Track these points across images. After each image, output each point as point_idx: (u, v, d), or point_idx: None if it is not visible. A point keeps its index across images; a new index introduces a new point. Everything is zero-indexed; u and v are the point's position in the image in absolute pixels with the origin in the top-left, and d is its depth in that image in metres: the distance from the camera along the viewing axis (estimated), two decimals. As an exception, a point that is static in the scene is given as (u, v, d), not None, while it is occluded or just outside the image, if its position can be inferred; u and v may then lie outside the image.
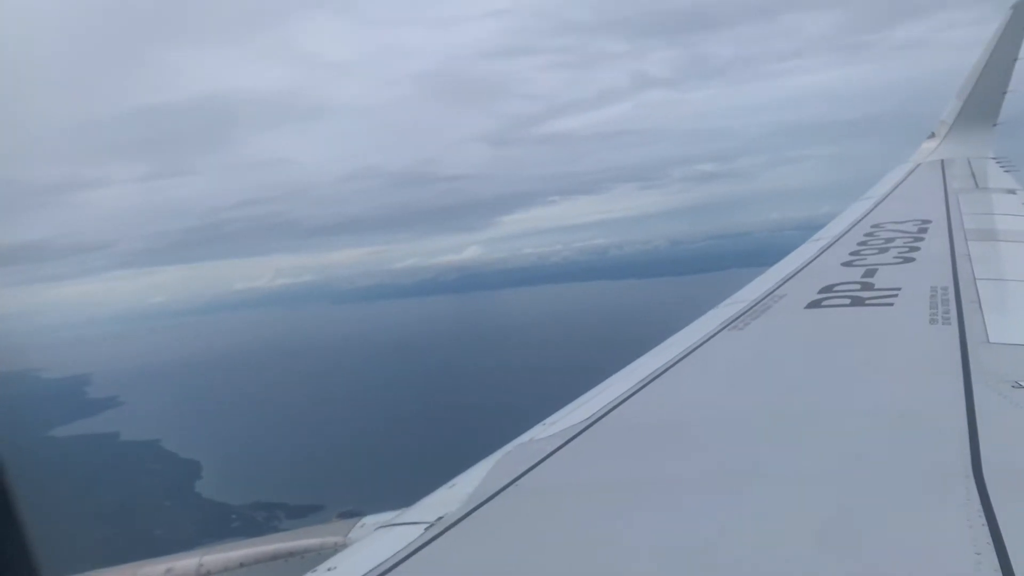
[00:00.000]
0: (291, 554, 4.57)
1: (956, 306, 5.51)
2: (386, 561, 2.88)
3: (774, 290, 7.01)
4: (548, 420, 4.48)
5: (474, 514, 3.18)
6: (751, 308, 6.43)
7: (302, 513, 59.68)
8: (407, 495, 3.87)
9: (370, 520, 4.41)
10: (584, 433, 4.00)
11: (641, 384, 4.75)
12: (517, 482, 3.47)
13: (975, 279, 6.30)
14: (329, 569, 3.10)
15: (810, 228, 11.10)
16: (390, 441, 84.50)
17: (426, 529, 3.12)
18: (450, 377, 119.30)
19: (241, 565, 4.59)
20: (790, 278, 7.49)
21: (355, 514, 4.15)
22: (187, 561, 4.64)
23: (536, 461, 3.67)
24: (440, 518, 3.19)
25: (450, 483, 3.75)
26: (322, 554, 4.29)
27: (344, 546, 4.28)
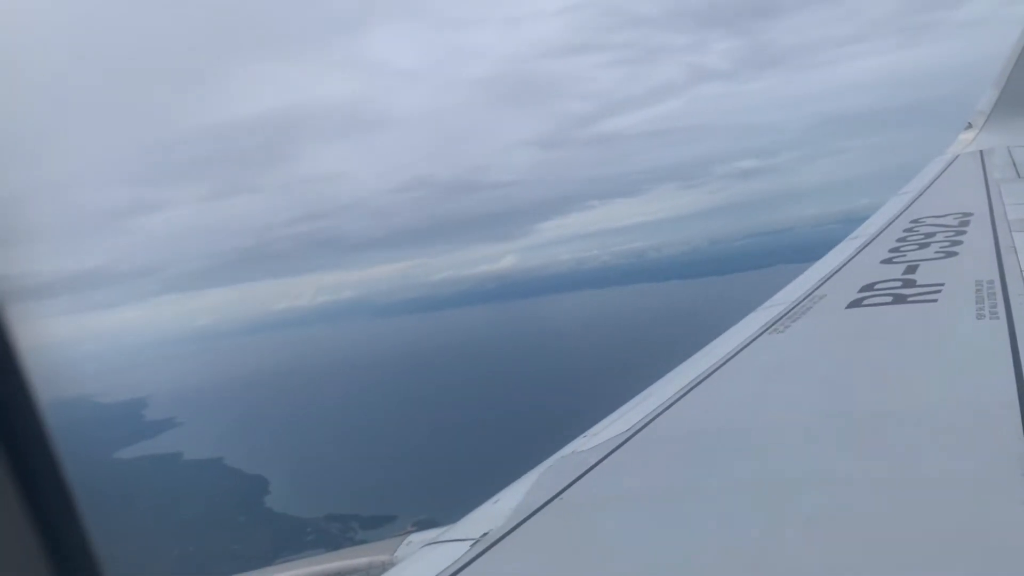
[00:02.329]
0: (339, 573, 4.60)
1: (1004, 300, 5.36)
2: None
3: (813, 291, 6.89)
4: (590, 432, 4.45)
5: (519, 529, 3.18)
6: (791, 310, 6.32)
7: (377, 524, 60.13)
8: (471, 503, 3.87)
9: (416, 537, 4.45)
10: (626, 445, 3.97)
11: (681, 393, 4.69)
12: (560, 496, 3.45)
13: (1022, 271, 6.14)
14: None
15: (852, 221, 10.95)
16: (449, 450, 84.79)
17: (472, 545, 3.12)
18: (498, 386, 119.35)
19: None
20: (829, 278, 7.38)
21: (429, 523, 3.99)
22: None
23: (579, 475, 3.65)
24: (485, 534, 3.19)
25: (494, 498, 3.76)
26: (370, 573, 4.37)
27: (392, 564, 4.29)
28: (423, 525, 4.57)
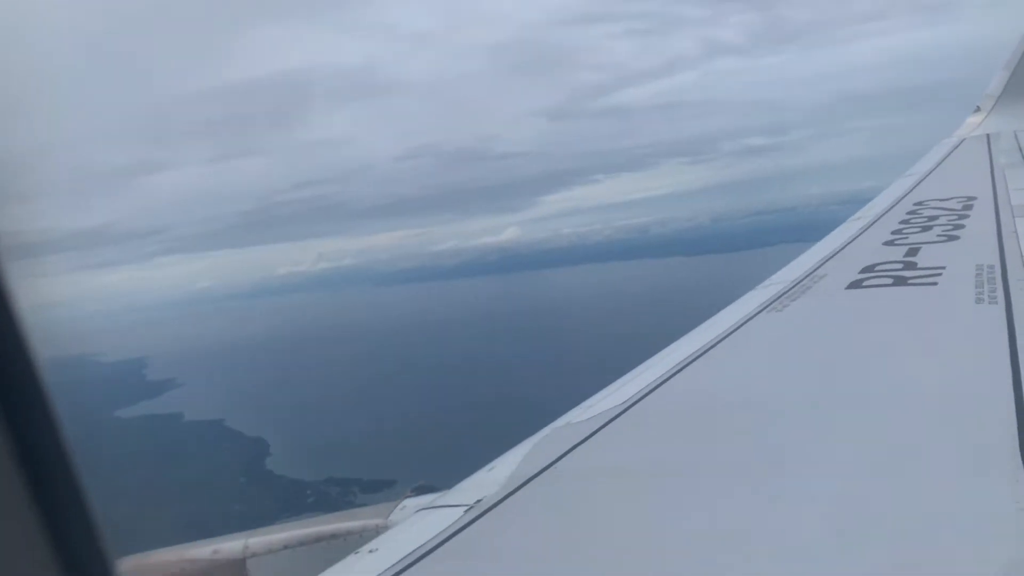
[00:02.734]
0: (334, 536, 4.63)
1: (1003, 285, 5.36)
2: (427, 543, 2.93)
3: (814, 270, 6.89)
4: (585, 404, 4.48)
5: (512, 497, 3.22)
6: (790, 289, 6.33)
7: (377, 488, 60.60)
8: (469, 470, 3.91)
9: (410, 502, 4.47)
10: (620, 417, 4.00)
11: (677, 367, 4.71)
12: (554, 465, 3.49)
13: (1023, 257, 6.13)
14: (371, 551, 3.16)
15: (857, 202, 10.93)
16: (448, 418, 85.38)
17: (465, 511, 3.16)
18: (497, 357, 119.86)
19: (285, 547, 4.68)
20: (830, 258, 7.37)
21: (428, 489, 4.18)
22: (233, 543, 4.74)
23: (573, 445, 3.69)
24: (479, 500, 3.23)
25: (489, 466, 3.80)
26: (364, 536, 4.36)
27: (385, 528, 4.33)
28: (422, 490, 4.43)
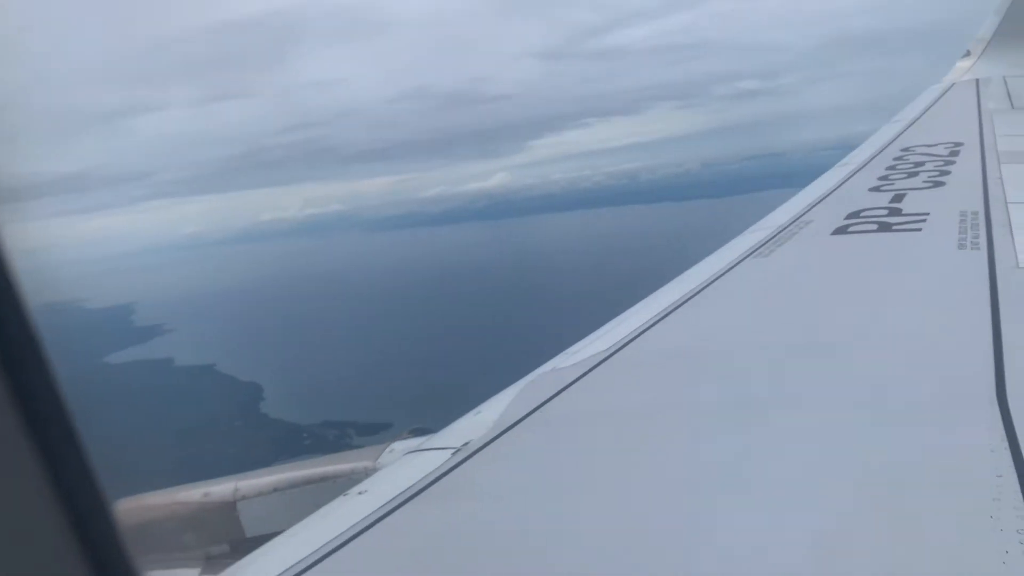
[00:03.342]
0: (323, 478, 4.67)
1: (986, 230, 5.41)
2: (414, 485, 2.98)
3: (800, 216, 6.92)
4: (571, 349, 4.52)
5: (499, 440, 3.27)
6: (776, 235, 6.36)
7: (373, 431, 61.01)
8: (462, 413, 3.93)
9: (399, 445, 4.51)
10: (606, 362, 4.04)
11: (663, 313, 4.75)
12: (540, 409, 3.54)
13: (1007, 203, 6.17)
14: (360, 493, 3.21)
15: (845, 148, 10.87)
16: (441, 362, 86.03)
17: (453, 454, 3.21)
18: (486, 302, 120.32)
19: (275, 490, 4.73)
20: (816, 204, 7.41)
21: (425, 431, 4.19)
22: (223, 486, 4.79)
23: (559, 389, 3.73)
24: (466, 443, 3.28)
25: (476, 409, 3.84)
26: (353, 478, 4.40)
27: (374, 470, 4.37)
28: (418, 433, 4.48)
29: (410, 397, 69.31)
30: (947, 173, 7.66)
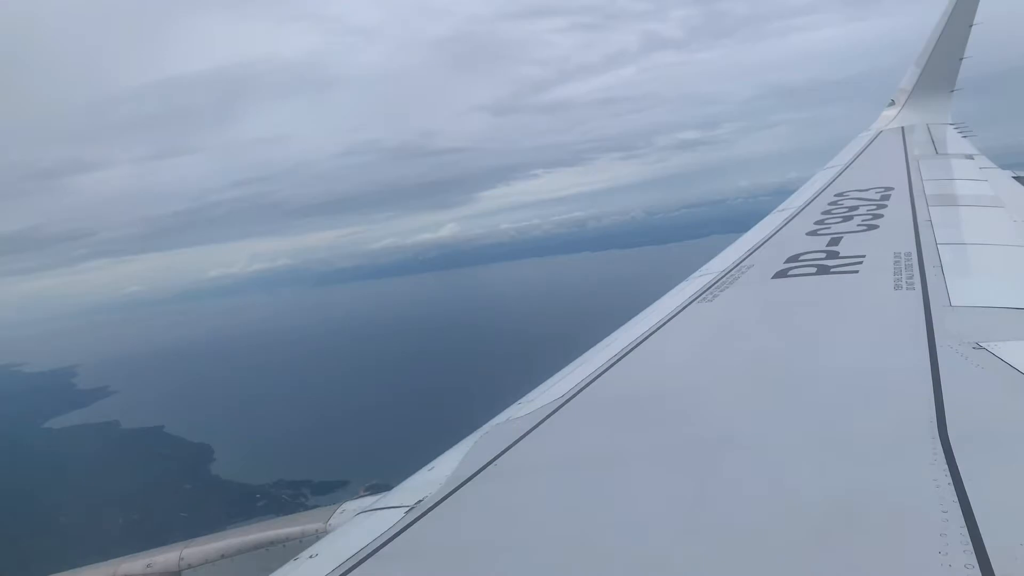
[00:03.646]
0: (272, 543, 4.54)
1: (919, 271, 5.56)
2: (367, 546, 2.91)
3: (741, 261, 7.06)
4: (525, 399, 4.51)
5: (453, 496, 3.21)
6: (720, 280, 6.47)
7: (329, 489, 59.65)
8: (419, 467, 3.90)
9: (350, 505, 4.43)
10: (560, 411, 4.05)
11: (614, 359, 4.80)
12: (495, 462, 3.49)
13: (937, 244, 6.35)
14: (311, 556, 3.14)
15: (782, 193, 11.23)
16: (394, 416, 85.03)
17: (406, 512, 3.14)
18: (437, 354, 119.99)
19: (222, 556, 4.58)
20: (757, 249, 7.53)
21: (383, 487, 4.03)
22: (168, 555, 4.63)
23: (513, 441, 3.70)
24: (420, 501, 3.22)
25: (429, 466, 3.79)
26: (303, 541, 4.32)
27: (325, 532, 4.29)
28: (375, 490, 4.37)
29: (366, 453, 68.36)
30: (880, 216, 7.88)
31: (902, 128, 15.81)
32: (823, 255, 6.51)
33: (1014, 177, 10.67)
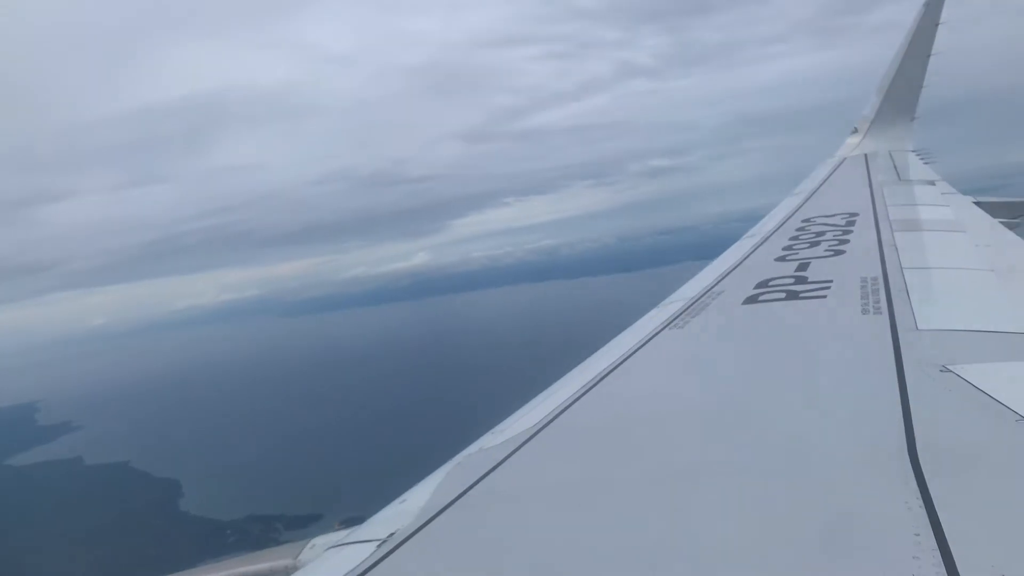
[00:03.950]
0: None
1: (886, 295, 5.64)
2: None
3: (712, 287, 7.12)
4: (497, 428, 4.50)
5: (425, 528, 3.17)
6: (690, 306, 6.51)
7: (302, 523, 58.30)
8: (393, 498, 3.87)
9: (321, 540, 4.38)
10: (532, 440, 4.03)
11: (587, 387, 4.80)
12: (468, 493, 3.46)
13: (902, 268, 6.45)
14: None
15: (752, 220, 11.29)
16: (366, 448, 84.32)
17: (378, 546, 3.10)
18: (411, 385, 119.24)
19: None
20: (727, 275, 7.60)
21: (358, 520, 3.98)
22: None
23: (486, 471, 3.68)
24: (392, 534, 3.18)
25: (401, 498, 3.74)
26: None
27: (295, 568, 4.22)
28: (351, 523, 4.29)
29: (339, 486, 67.39)
30: (846, 242, 7.99)
31: (865, 155, 16.18)
32: (792, 280, 6.59)
33: (975, 202, 10.96)
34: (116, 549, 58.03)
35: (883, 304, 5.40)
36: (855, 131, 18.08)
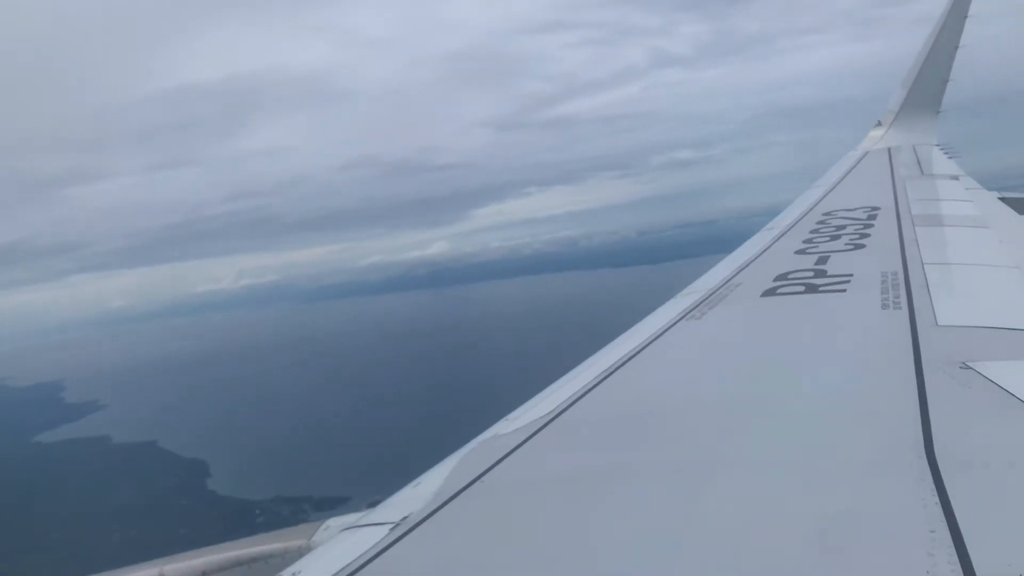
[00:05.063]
0: (255, 559, 4.51)
1: (906, 290, 5.59)
2: (351, 563, 2.89)
3: (730, 279, 7.07)
4: (511, 415, 4.51)
5: (439, 513, 3.19)
6: (708, 297, 6.48)
7: (330, 505, 59.07)
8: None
9: (335, 522, 4.40)
10: (546, 428, 4.03)
11: (602, 376, 4.78)
12: (481, 479, 3.48)
13: (923, 264, 6.39)
14: (294, 574, 3.16)
15: (774, 215, 11.13)
16: (384, 433, 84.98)
17: (391, 529, 3.12)
18: (430, 371, 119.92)
19: (203, 573, 4.53)
20: (746, 267, 7.55)
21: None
22: (147, 571, 4.58)
23: (499, 457, 3.69)
24: (405, 518, 3.20)
25: (415, 482, 3.78)
26: (286, 558, 4.31)
27: (308, 549, 4.26)
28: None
29: (366, 468, 67.92)
30: (867, 236, 7.91)
31: (888, 148, 16.08)
32: (811, 274, 6.54)
33: (1000, 198, 10.97)
34: (145, 527, 59.21)
35: (903, 299, 5.35)
36: (879, 124, 17.96)
